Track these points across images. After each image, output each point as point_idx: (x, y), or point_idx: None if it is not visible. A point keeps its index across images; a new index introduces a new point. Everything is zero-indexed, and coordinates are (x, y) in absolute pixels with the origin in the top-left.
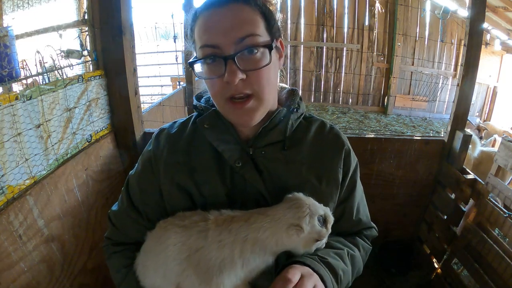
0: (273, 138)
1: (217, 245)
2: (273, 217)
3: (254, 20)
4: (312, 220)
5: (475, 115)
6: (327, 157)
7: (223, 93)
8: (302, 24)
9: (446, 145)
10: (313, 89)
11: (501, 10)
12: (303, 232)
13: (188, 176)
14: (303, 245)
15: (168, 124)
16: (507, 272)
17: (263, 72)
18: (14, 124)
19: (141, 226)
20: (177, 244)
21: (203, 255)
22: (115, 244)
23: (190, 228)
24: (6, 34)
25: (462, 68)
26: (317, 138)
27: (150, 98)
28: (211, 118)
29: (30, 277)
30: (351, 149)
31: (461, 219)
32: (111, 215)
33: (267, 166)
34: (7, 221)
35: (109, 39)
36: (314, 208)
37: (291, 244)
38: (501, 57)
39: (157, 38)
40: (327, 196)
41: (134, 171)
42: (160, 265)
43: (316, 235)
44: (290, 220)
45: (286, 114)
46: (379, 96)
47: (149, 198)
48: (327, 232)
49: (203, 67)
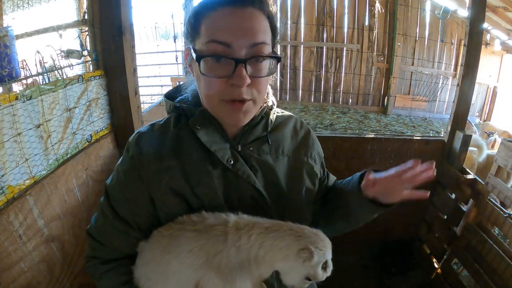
0: (257, 134)
1: (236, 249)
2: (297, 232)
3: (266, 29)
4: (322, 258)
5: (475, 115)
6: (304, 148)
7: (222, 94)
8: (302, 24)
9: (446, 145)
10: (313, 89)
11: (501, 10)
12: (311, 261)
13: (182, 180)
14: (299, 274)
15: (145, 128)
16: (507, 272)
17: (265, 80)
18: (14, 124)
19: (131, 238)
20: (193, 250)
21: (223, 258)
22: (104, 263)
23: (206, 232)
24: (6, 34)
25: (462, 68)
26: (293, 132)
27: (150, 98)
28: (201, 119)
29: (30, 277)
30: (317, 139)
31: (461, 219)
32: (92, 231)
33: (257, 160)
34: (7, 221)
35: (109, 39)
36: (328, 252)
37: (292, 266)
38: (501, 57)
39: (157, 38)
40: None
41: (113, 181)
42: (171, 275)
43: (313, 272)
44: (310, 244)
45: (266, 110)
46: (379, 96)
47: (139, 208)
48: (321, 278)
49: (204, 63)
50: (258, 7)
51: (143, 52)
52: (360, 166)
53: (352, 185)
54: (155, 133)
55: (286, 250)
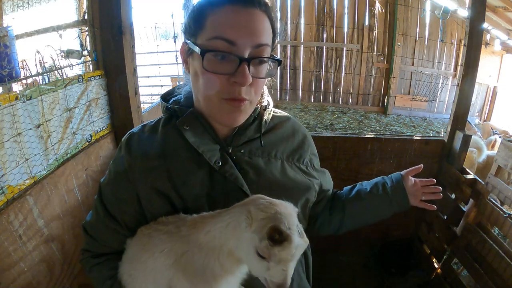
0: (249, 135)
1: (198, 248)
2: (244, 204)
3: (269, 31)
4: (265, 221)
5: (475, 115)
6: (299, 150)
7: (222, 92)
8: (302, 24)
9: (446, 145)
10: (313, 89)
11: (501, 10)
12: (250, 226)
13: (166, 180)
14: (248, 253)
15: (136, 128)
16: (507, 272)
17: (262, 82)
18: (14, 124)
19: (120, 235)
20: (164, 250)
21: (188, 258)
22: (95, 256)
23: (174, 234)
24: (6, 34)
25: (462, 68)
26: (289, 134)
27: (150, 98)
28: (190, 119)
29: (30, 277)
30: (312, 140)
31: (461, 219)
32: (86, 226)
33: (248, 163)
34: (7, 221)
35: (109, 39)
36: (280, 218)
37: (239, 240)
38: (501, 57)
39: (157, 38)
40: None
41: (106, 179)
42: (148, 272)
43: (257, 244)
44: (255, 208)
45: (259, 111)
46: (379, 96)
47: (127, 207)
48: (273, 254)
49: (207, 59)
50: (263, 9)
51: (143, 52)
52: (360, 166)
53: (392, 189)
54: (145, 134)
55: (233, 222)
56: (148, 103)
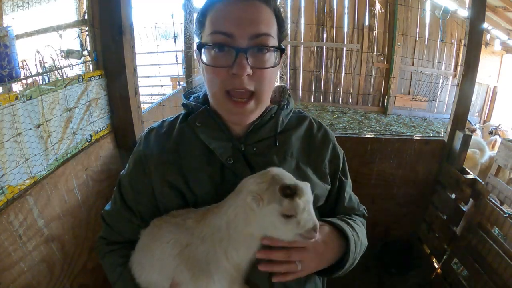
0: (264, 134)
1: (201, 240)
2: (237, 191)
3: (271, 21)
4: (271, 188)
5: (475, 115)
6: (317, 152)
7: (224, 84)
8: (302, 24)
9: (446, 145)
10: (313, 89)
11: (501, 10)
12: (262, 201)
13: (179, 175)
14: (274, 223)
15: (156, 124)
16: (507, 272)
17: (268, 72)
18: (14, 124)
19: (134, 225)
20: (171, 241)
21: (191, 250)
22: (109, 244)
23: (181, 226)
24: (6, 34)
25: (462, 68)
26: (306, 134)
27: (150, 98)
28: (203, 116)
29: (30, 277)
30: (336, 143)
31: (461, 219)
32: (104, 215)
33: (259, 162)
34: (7, 221)
35: (109, 39)
36: (279, 178)
37: (258, 220)
38: (501, 57)
39: (157, 38)
40: (319, 189)
41: (125, 171)
42: (156, 261)
43: (280, 208)
44: (251, 188)
45: (276, 111)
46: (379, 96)
47: (142, 198)
48: (296, 207)
49: (208, 54)
50: (263, 1)
51: (143, 52)
52: (360, 166)
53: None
54: (163, 129)
55: (241, 213)
56: (148, 103)
